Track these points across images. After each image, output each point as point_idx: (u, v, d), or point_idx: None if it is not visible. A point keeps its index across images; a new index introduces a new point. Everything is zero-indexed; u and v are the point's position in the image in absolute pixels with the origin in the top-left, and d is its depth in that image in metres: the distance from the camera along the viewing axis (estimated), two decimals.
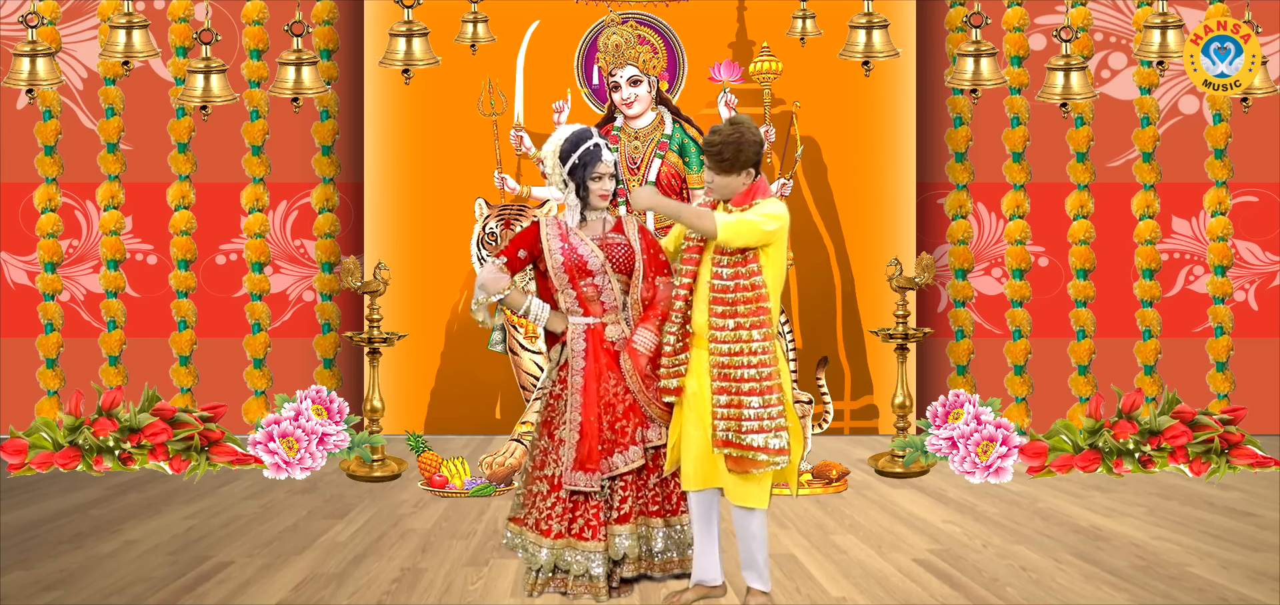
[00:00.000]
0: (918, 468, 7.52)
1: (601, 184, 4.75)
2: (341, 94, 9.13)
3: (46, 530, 6.21)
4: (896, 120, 9.09)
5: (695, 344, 4.57)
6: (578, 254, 4.74)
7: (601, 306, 4.76)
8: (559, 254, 4.75)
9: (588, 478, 4.70)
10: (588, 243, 4.76)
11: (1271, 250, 9.17)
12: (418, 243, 9.03)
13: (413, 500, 6.98)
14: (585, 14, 8.83)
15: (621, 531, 4.74)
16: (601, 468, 4.70)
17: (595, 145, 4.74)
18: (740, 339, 4.43)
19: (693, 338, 4.58)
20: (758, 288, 4.45)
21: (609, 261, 4.76)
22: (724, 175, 4.53)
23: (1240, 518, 6.42)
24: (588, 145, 4.74)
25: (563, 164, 4.77)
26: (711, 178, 4.58)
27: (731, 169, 4.51)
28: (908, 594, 5.12)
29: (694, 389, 4.58)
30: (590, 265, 4.74)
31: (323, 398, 7.50)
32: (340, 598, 5.08)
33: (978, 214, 9.18)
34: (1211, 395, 9.00)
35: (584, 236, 4.77)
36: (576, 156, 4.75)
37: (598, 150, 4.74)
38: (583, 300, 4.76)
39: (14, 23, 8.90)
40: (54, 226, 9.07)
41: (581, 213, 4.80)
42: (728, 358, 4.44)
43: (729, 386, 4.43)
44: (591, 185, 4.75)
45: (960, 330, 9.15)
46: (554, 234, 4.79)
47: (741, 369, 4.42)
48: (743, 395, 4.42)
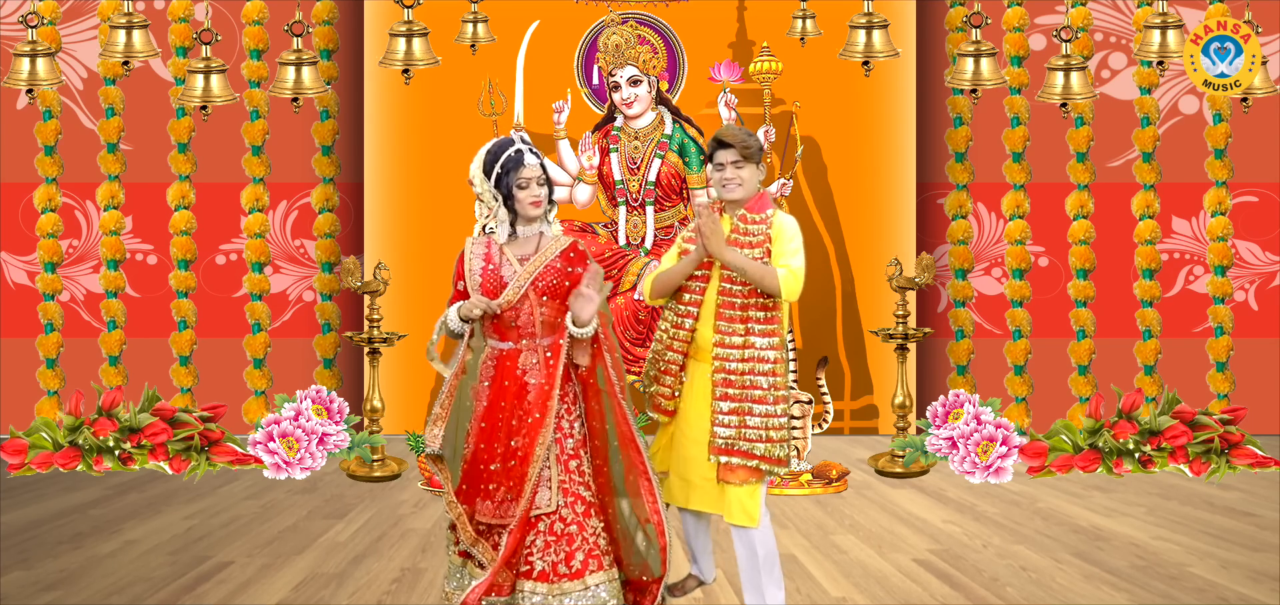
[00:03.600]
0: (918, 468, 7.53)
1: (529, 191, 4.30)
2: (341, 94, 9.13)
3: (46, 530, 6.21)
4: (896, 120, 9.09)
5: (694, 358, 4.45)
6: (499, 275, 4.32)
7: (517, 331, 4.30)
8: (478, 274, 4.34)
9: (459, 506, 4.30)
10: (512, 263, 4.32)
11: (1271, 250, 9.17)
12: (418, 243, 9.03)
13: (413, 500, 6.98)
14: (585, 14, 8.83)
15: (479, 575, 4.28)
16: (475, 507, 4.28)
17: (517, 151, 4.32)
18: (750, 348, 4.34)
19: (694, 352, 4.45)
20: (773, 301, 4.36)
21: (533, 286, 4.30)
22: (748, 166, 4.42)
23: (1240, 518, 6.42)
24: (509, 153, 4.33)
25: (488, 179, 4.34)
26: (736, 174, 4.42)
27: (753, 157, 4.43)
28: (908, 594, 5.12)
29: (690, 406, 4.44)
30: (509, 289, 4.30)
31: (323, 398, 7.50)
32: (340, 598, 5.08)
33: (978, 214, 9.18)
34: (1211, 395, 9.00)
35: (511, 256, 4.34)
36: (499, 166, 4.33)
37: (520, 156, 4.32)
38: (498, 325, 4.32)
39: (14, 23, 8.90)
40: (54, 226, 9.07)
41: (511, 226, 4.37)
42: (736, 364, 4.34)
43: (734, 394, 4.33)
44: (519, 194, 4.31)
45: (960, 330, 9.15)
46: (478, 254, 4.38)
47: (749, 376, 4.33)
48: (750, 402, 4.32)
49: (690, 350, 4.45)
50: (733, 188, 4.44)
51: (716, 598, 5.05)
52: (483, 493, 4.26)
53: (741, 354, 4.34)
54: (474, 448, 4.28)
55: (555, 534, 4.22)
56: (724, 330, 4.37)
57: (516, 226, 4.37)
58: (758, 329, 4.35)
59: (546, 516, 4.23)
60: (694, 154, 8.02)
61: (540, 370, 4.28)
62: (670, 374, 4.48)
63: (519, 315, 4.29)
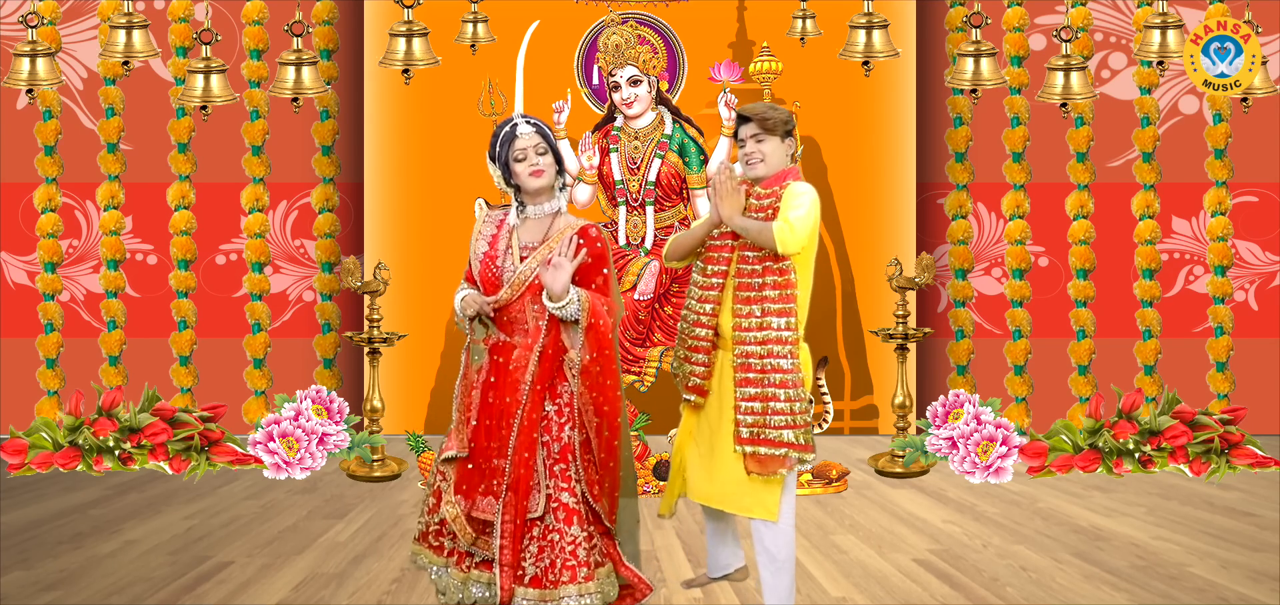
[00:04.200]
0: (918, 468, 7.53)
1: (527, 162, 4.22)
2: (341, 94, 9.13)
3: (46, 530, 6.21)
4: (896, 120, 9.09)
5: (720, 347, 4.38)
6: (496, 263, 4.27)
7: (511, 325, 4.25)
8: (479, 258, 4.30)
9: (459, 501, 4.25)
10: (515, 250, 4.26)
11: (1271, 250, 9.17)
12: (418, 243, 9.03)
13: (413, 500, 6.98)
14: (585, 14, 8.83)
15: (481, 578, 4.28)
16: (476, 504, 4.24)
17: (511, 126, 4.25)
18: (768, 331, 4.25)
19: (718, 341, 4.39)
20: (787, 280, 4.28)
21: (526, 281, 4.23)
22: (771, 139, 4.34)
23: (1240, 518, 6.42)
24: (504, 131, 4.26)
25: (494, 163, 4.30)
26: (757, 149, 4.34)
27: (774, 129, 4.34)
28: (908, 594, 5.12)
29: (712, 396, 4.40)
30: (504, 279, 4.25)
31: (323, 398, 7.50)
32: (340, 598, 5.08)
33: (978, 214, 9.18)
34: (1211, 395, 9.00)
35: (516, 244, 4.27)
36: (496, 144, 4.27)
37: (513, 130, 4.24)
38: (498, 316, 4.27)
39: (14, 23, 8.90)
40: (54, 226, 9.07)
41: (519, 203, 4.30)
42: (754, 347, 4.26)
43: (755, 379, 4.25)
44: (516, 168, 4.23)
45: (960, 330, 9.14)
46: (486, 233, 4.34)
47: (769, 359, 4.24)
48: (772, 388, 4.24)
49: (718, 339, 4.39)
50: (756, 164, 4.36)
51: (717, 598, 5.05)
52: (483, 489, 4.24)
53: (759, 336, 4.27)
54: (475, 436, 4.25)
55: (547, 541, 4.19)
56: (741, 313, 4.31)
57: (527, 206, 4.29)
58: (773, 308, 4.27)
59: (537, 521, 4.20)
60: (694, 154, 8.02)
61: (530, 368, 4.21)
62: (702, 351, 4.40)
63: (514, 311, 4.25)
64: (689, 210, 8.10)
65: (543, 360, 4.21)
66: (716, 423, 4.40)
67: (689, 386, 4.45)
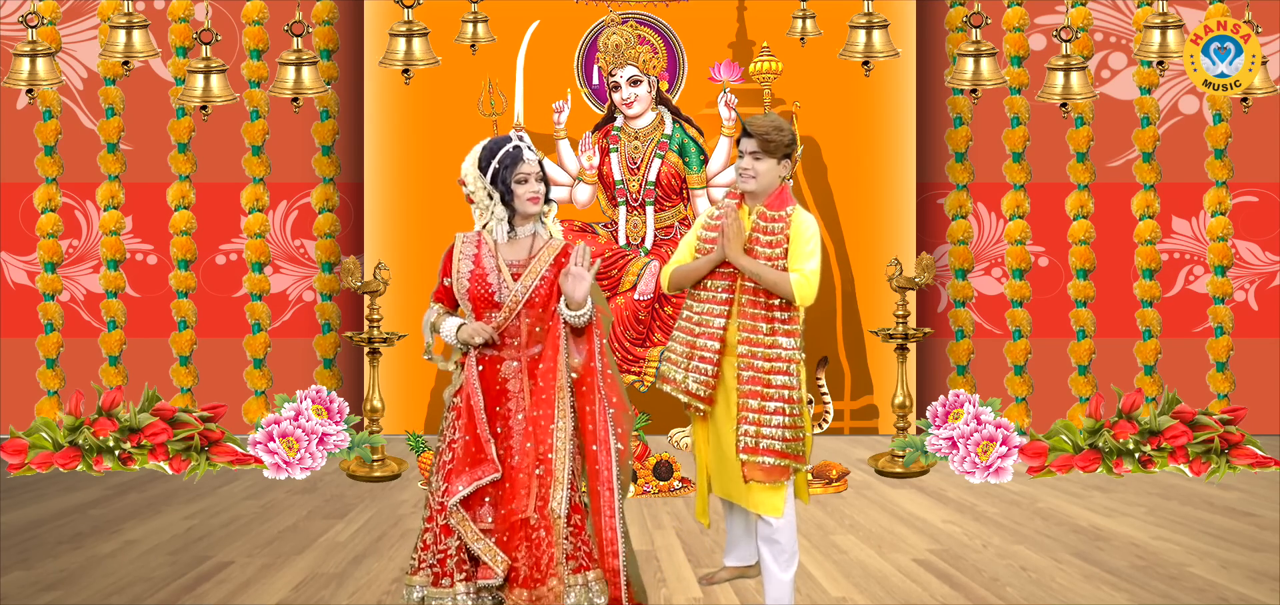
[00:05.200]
0: (918, 468, 7.53)
1: (528, 186, 4.24)
2: (341, 94, 9.13)
3: (46, 530, 6.21)
4: (896, 120, 9.09)
5: (723, 354, 4.45)
6: (486, 282, 4.27)
7: (502, 340, 4.26)
8: (465, 278, 4.30)
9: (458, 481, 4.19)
10: (504, 270, 4.26)
11: (1271, 250, 9.17)
12: (418, 243, 9.02)
13: (413, 500, 6.98)
14: (585, 14, 8.83)
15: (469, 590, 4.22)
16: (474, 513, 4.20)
17: (515, 147, 4.27)
18: (777, 346, 4.35)
19: (724, 349, 4.44)
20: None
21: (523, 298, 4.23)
22: (768, 160, 4.40)
23: (1240, 518, 6.42)
24: (506, 148, 4.26)
25: (484, 174, 4.28)
26: (753, 166, 4.40)
27: (773, 152, 4.39)
28: (908, 594, 5.12)
29: (721, 402, 4.47)
30: (498, 298, 4.25)
31: (323, 398, 7.50)
32: (340, 598, 5.08)
33: (978, 214, 9.18)
34: (1211, 395, 8.99)
35: (503, 261, 4.27)
36: (496, 162, 4.26)
37: (518, 151, 4.26)
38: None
39: (14, 23, 8.90)
40: (54, 226, 9.07)
41: (510, 225, 4.30)
42: (760, 362, 4.36)
43: (759, 390, 4.35)
44: (518, 190, 4.24)
45: (960, 330, 9.14)
46: (467, 254, 4.33)
47: (772, 374, 4.35)
48: (771, 400, 4.35)
49: (724, 347, 4.44)
50: (747, 179, 4.43)
51: (717, 598, 5.05)
52: (480, 500, 4.22)
53: (766, 351, 4.36)
54: (469, 431, 4.22)
55: (533, 541, 4.17)
56: (748, 327, 4.38)
57: (514, 225, 4.30)
58: (782, 327, 4.37)
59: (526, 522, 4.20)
60: (694, 154, 8.02)
61: (520, 378, 4.24)
62: (711, 362, 4.44)
63: (507, 327, 4.26)
64: (689, 210, 8.10)
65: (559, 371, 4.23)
66: (723, 423, 4.47)
67: (699, 396, 4.49)
